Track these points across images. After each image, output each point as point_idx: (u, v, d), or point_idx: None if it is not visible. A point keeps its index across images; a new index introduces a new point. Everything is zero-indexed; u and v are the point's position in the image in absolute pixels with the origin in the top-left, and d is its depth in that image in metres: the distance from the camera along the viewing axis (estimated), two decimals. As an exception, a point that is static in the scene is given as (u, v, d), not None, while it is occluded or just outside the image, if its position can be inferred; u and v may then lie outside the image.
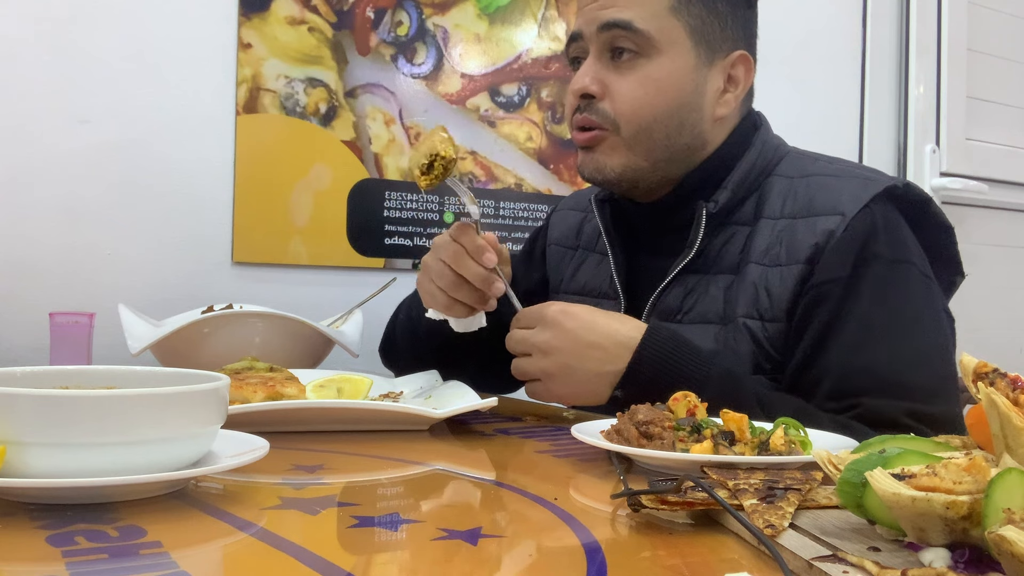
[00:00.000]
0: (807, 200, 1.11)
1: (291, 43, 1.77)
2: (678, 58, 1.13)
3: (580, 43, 1.17)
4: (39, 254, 1.59)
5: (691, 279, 1.15)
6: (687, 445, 0.77)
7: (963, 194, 2.54)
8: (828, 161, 1.19)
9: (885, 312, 1.04)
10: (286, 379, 1.02)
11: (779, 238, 1.10)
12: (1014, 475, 0.45)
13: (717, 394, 0.92)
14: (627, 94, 1.12)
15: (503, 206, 1.98)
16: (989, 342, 2.59)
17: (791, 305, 1.07)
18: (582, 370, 1.00)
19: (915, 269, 1.08)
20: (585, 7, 1.16)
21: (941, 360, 1.06)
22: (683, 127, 1.14)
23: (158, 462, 0.63)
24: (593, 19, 1.14)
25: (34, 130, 1.58)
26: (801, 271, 1.07)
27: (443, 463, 0.86)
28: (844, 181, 1.12)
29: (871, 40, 2.48)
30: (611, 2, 1.13)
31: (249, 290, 1.72)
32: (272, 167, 1.76)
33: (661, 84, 1.12)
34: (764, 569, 0.51)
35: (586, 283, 1.30)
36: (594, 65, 1.14)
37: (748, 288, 1.09)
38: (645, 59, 1.12)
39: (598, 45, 1.14)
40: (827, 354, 1.04)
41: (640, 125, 1.13)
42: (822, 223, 1.08)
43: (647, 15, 1.12)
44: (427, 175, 1.06)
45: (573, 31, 1.18)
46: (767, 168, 1.17)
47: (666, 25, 1.12)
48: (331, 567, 0.50)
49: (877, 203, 1.09)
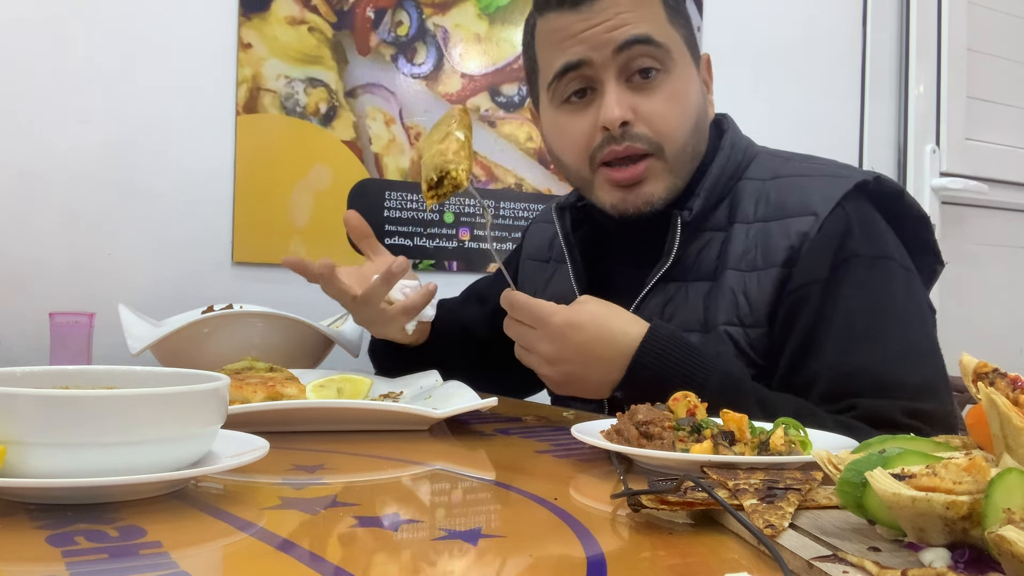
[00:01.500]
0: (779, 202, 1.10)
1: (291, 43, 1.77)
2: (687, 68, 1.13)
3: (584, 71, 1.09)
4: (39, 254, 1.59)
5: (670, 287, 1.14)
6: (687, 445, 0.77)
7: (963, 194, 2.54)
8: (799, 160, 1.18)
9: (870, 311, 1.03)
10: (286, 379, 1.02)
11: (754, 242, 1.09)
12: (1014, 475, 0.45)
13: (717, 395, 0.92)
14: (663, 113, 1.09)
15: (503, 206, 1.98)
16: (989, 342, 2.59)
17: (771, 310, 1.06)
18: (586, 379, 1.00)
19: (895, 264, 1.08)
20: (580, 34, 1.09)
21: (931, 355, 1.06)
22: (701, 135, 1.15)
23: (158, 462, 0.63)
24: (606, 41, 1.08)
25: (34, 130, 1.58)
26: (779, 275, 1.06)
27: (443, 463, 0.86)
28: (815, 180, 1.11)
29: (871, 40, 2.48)
30: (620, 21, 1.08)
31: (249, 290, 1.72)
32: (272, 167, 1.76)
33: (685, 97, 1.11)
34: (764, 569, 0.51)
35: (554, 293, 1.30)
36: (618, 90, 1.08)
37: (727, 294, 1.08)
38: (666, 74, 1.10)
39: (616, 68, 1.08)
40: (816, 358, 1.03)
41: (680, 143, 1.11)
42: (795, 225, 1.07)
43: (658, 29, 1.10)
44: (435, 190, 0.99)
45: (569, 61, 1.09)
46: (737, 172, 1.16)
47: (671, 36, 1.11)
48: (331, 567, 0.50)
49: (849, 200, 1.08)
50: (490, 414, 1.14)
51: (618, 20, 1.08)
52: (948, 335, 2.59)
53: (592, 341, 0.97)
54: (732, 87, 2.27)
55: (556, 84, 1.12)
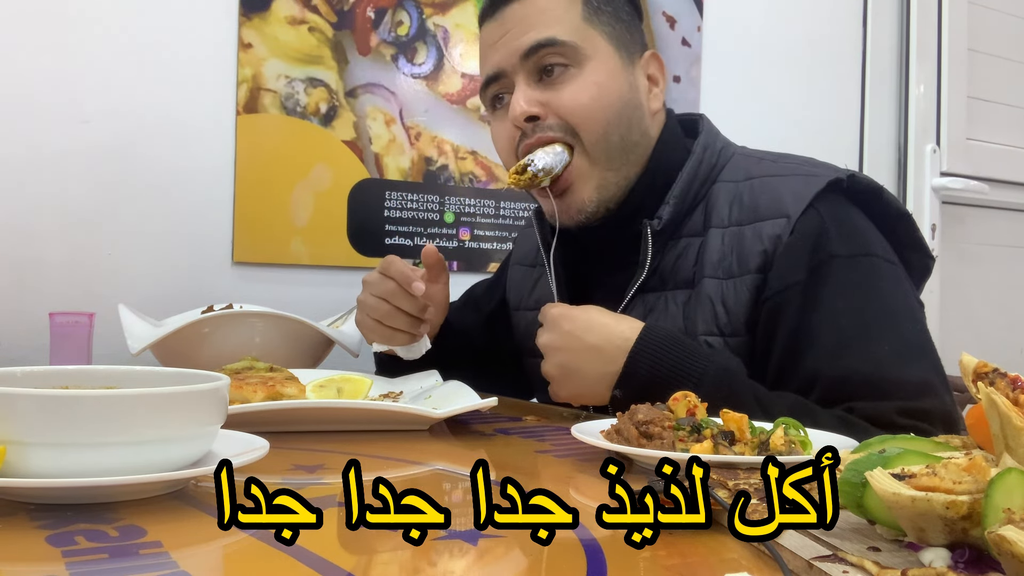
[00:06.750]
0: (752, 205, 1.10)
1: (291, 43, 1.77)
2: (607, 61, 1.13)
3: (502, 81, 1.15)
4: (39, 254, 1.59)
5: (650, 297, 1.14)
6: (687, 445, 0.77)
7: (963, 194, 2.54)
8: (772, 160, 1.16)
9: (858, 311, 1.02)
10: (286, 379, 1.02)
11: (730, 247, 1.08)
12: (1014, 475, 0.45)
13: (714, 391, 0.92)
14: (573, 101, 1.11)
15: (503, 206, 1.98)
16: (989, 342, 2.59)
17: (749, 317, 1.06)
18: (581, 372, 1.00)
19: (879, 259, 1.06)
20: (496, 43, 1.14)
21: (923, 351, 1.03)
22: (631, 124, 1.14)
23: (158, 462, 0.63)
24: (514, 50, 1.12)
25: (35, 130, 1.58)
26: (754, 281, 1.05)
27: (443, 463, 0.86)
28: (786, 180, 1.10)
29: (871, 40, 2.48)
30: (524, 29, 1.12)
31: (249, 290, 1.72)
32: (272, 167, 1.76)
33: (601, 85, 1.12)
34: (764, 569, 0.51)
35: (539, 299, 1.30)
36: (526, 90, 1.12)
37: (705, 304, 1.08)
38: (577, 68, 1.12)
39: (525, 72, 1.12)
40: (804, 364, 1.01)
41: (598, 130, 1.11)
42: (768, 228, 1.06)
43: (566, 29, 1.12)
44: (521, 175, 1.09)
45: (488, 74, 1.16)
46: (711, 175, 1.16)
47: (585, 35, 1.13)
48: (331, 567, 0.50)
49: (822, 200, 1.06)
50: (490, 414, 1.14)
51: (524, 26, 1.12)
52: (948, 335, 2.60)
53: (582, 329, 1.00)
54: (732, 87, 2.27)
55: (483, 94, 1.19)
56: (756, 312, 1.06)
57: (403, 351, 1.22)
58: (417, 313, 1.18)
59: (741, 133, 1.32)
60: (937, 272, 2.04)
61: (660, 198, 1.14)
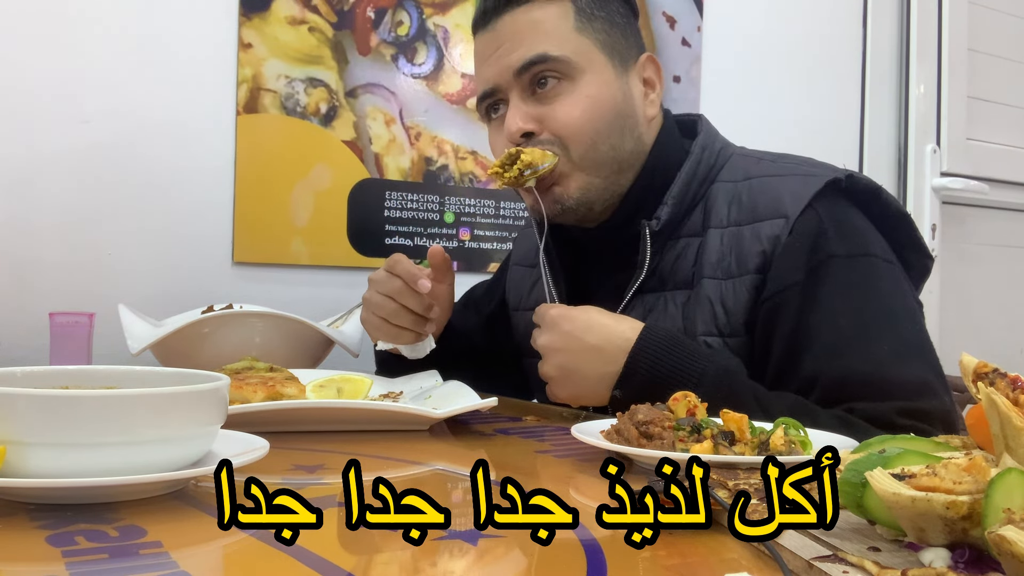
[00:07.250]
0: (751, 205, 1.10)
1: (291, 43, 1.77)
2: (600, 71, 1.13)
3: (496, 97, 1.16)
4: (39, 254, 1.59)
5: (649, 298, 1.14)
6: (687, 445, 0.77)
7: (963, 194, 2.54)
8: (771, 160, 1.16)
9: (856, 311, 1.01)
10: (286, 379, 1.02)
11: (728, 248, 1.08)
12: (1014, 475, 0.45)
13: (714, 391, 0.92)
14: (565, 116, 1.11)
15: (503, 206, 1.98)
16: (989, 342, 2.59)
17: (748, 318, 1.05)
18: (581, 372, 1.00)
19: (877, 260, 1.06)
20: (489, 58, 1.14)
21: (923, 351, 1.03)
22: (624, 134, 1.14)
23: (158, 462, 0.63)
24: (506, 67, 1.12)
25: (34, 130, 1.58)
26: (753, 281, 1.05)
27: (443, 463, 0.86)
28: (785, 180, 1.10)
29: (871, 40, 2.48)
30: (516, 44, 1.12)
31: (249, 290, 1.72)
32: (272, 167, 1.76)
33: (594, 98, 1.12)
34: (764, 569, 0.51)
35: (538, 299, 1.30)
36: (521, 106, 1.12)
37: (704, 304, 1.08)
38: (570, 81, 1.11)
39: (519, 88, 1.12)
40: (803, 364, 1.01)
41: (586, 142, 1.11)
42: (767, 228, 1.06)
43: (558, 42, 1.11)
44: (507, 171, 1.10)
45: (483, 90, 1.16)
46: (710, 175, 1.16)
47: (578, 46, 1.12)
48: (331, 567, 0.50)
49: (820, 200, 1.06)
50: (490, 414, 1.14)
51: (516, 41, 1.12)
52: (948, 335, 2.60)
53: (582, 329, 1.00)
54: (732, 87, 2.27)
55: (479, 105, 1.20)
56: (755, 312, 1.05)
57: (407, 350, 1.22)
58: (423, 312, 1.18)
59: (741, 133, 1.32)
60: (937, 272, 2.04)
61: (658, 199, 1.14)
